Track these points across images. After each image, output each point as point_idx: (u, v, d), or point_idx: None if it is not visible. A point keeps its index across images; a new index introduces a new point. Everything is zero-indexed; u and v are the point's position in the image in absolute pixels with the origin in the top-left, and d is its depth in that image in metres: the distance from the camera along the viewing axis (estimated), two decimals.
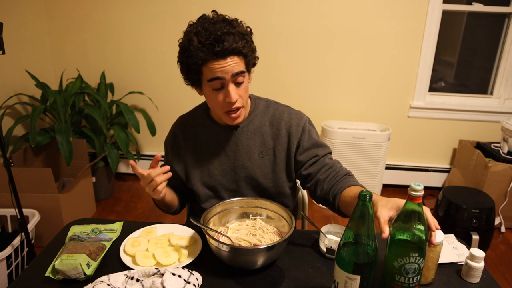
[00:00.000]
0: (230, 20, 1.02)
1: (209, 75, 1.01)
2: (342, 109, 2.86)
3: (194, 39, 0.98)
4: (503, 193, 2.40)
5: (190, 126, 1.21)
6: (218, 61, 0.99)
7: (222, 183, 1.18)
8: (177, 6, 2.65)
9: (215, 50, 0.97)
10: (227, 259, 0.93)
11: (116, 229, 1.09)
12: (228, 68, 0.99)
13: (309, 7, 2.61)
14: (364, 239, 0.76)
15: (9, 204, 1.71)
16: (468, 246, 1.04)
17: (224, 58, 0.99)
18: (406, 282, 0.81)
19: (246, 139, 1.16)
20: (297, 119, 1.16)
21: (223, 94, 1.04)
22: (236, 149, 1.16)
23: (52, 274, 0.90)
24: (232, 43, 0.98)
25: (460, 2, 2.65)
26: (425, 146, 2.92)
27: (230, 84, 1.02)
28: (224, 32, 0.97)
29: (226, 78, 1.01)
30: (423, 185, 0.77)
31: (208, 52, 0.97)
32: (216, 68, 0.99)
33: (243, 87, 1.06)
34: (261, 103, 1.20)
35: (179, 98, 2.86)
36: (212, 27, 0.98)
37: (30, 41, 2.60)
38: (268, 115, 1.18)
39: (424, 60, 2.69)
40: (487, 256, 2.21)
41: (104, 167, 2.65)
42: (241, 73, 1.03)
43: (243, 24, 1.05)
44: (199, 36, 0.97)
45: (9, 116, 2.43)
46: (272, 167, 1.17)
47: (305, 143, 1.15)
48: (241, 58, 1.03)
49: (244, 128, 1.16)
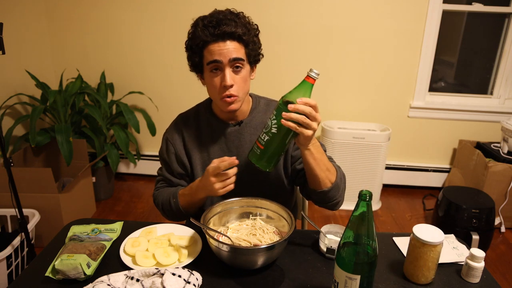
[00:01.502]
0: (237, 13, 1.08)
1: (209, 57, 1.05)
2: (342, 109, 2.86)
3: (199, 23, 1.05)
4: (503, 193, 2.40)
5: (193, 122, 1.22)
6: (217, 43, 1.03)
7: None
8: (177, 6, 2.65)
9: (214, 32, 1.02)
10: (227, 259, 0.93)
11: (116, 229, 1.09)
12: (226, 51, 1.03)
13: (309, 7, 2.61)
14: (364, 239, 0.76)
15: (9, 204, 1.71)
16: (468, 246, 1.04)
17: (223, 41, 1.03)
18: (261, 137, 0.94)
19: (249, 135, 1.18)
20: None
21: (220, 78, 1.06)
22: (240, 144, 1.18)
23: (52, 274, 0.90)
24: (232, 28, 1.03)
25: (460, 2, 2.65)
26: (425, 146, 2.92)
27: (227, 68, 1.05)
28: (227, 18, 1.03)
29: (224, 62, 1.04)
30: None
31: (209, 34, 1.03)
32: (215, 49, 1.03)
33: (241, 76, 1.08)
34: (262, 101, 1.22)
35: (179, 98, 2.86)
36: (217, 14, 1.05)
37: (30, 41, 2.60)
38: (269, 112, 1.20)
39: (424, 60, 2.69)
40: (487, 256, 2.21)
41: (104, 167, 2.65)
42: (239, 59, 1.05)
43: (249, 19, 1.10)
44: (204, 20, 1.05)
45: (9, 116, 2.43)
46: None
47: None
48: (241, 45, 1.06)
49: (247, 124, 1.18)
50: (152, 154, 3.03)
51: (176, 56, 2.71)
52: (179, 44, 2.51)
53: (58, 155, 2.49)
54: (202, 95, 1.21)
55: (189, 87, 2.80)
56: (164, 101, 2.88)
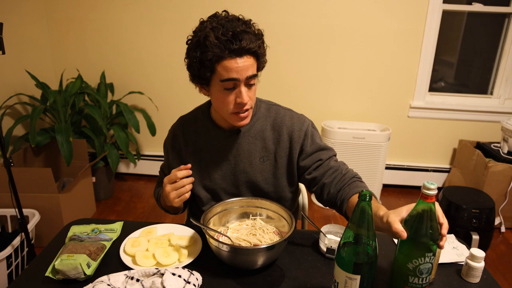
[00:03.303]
0: (245, 20, 1.02)
1: (224, 74, 0.98)
2: (342, 109, 2.86)
3: (210, 34, 0.95)
4: (503, 193, 2.40)
5: (191, 127, 1.20)
6: (234, 59, 0.97)
7: (223, 186, 1.17)
8: (177, 6, 2.65)
9: (232, 47, 0.95)
10: (227, 259, 0.93)
11: (116, 229, 1.09)
12: (243, 69, 0.98)
13: (309, 7, 2.61)
14: (364, 239, 0.76)
15: (9, 204, 1.71)
16: (468, 246, 1.04)
17: (240, 57, 0.97)
18: (420, 282, 0.80)
19: (247, 144, 1.14)
20: (299, 124, 1.14)
21: (234, 94, 1.02)
22: (237, 153, 1.15)
23: (52, 274, 0.90)
24: (249, 42, 0.97)
25: (460, 2, 2.65)
26: (425, 146, 2.92)
27: (242, 86, 1.01)
28: (241, 30, 0.96)
29: (241, 79, 0.99)
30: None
31: (224, 48, 0.95)
32: (231, 66, 0.97)
33: (253, 89, 1.06)
34: (262, 106, 1.18)
35: (179, 98, 2.86)
36: (229, 24, 0.96)
37: (30, 41, 2.60)
38: (270, 119, 1.16)
39: (424, 60, 2.69)
40: (487, 256, 2.21)
41: (104, 167, 2.65)
42: (254, 76, 1.02)
43: (255, 25, 1.04)
44: (216, 31, 0.95)
45: (9, 116, 2.43)
46: (273, 171, 1.15)
47: (308, 148, 1.13)
48: (255, 59, 1.02)
49: (246, 132, 1.15)
50: (152, 154, 3.03)
51: (176, 56, 2.71)
52: (179, 44, 2.51)
53: (58, 155, 2.49)
54: (202, 96, 1.20)
55: (189, 87, 2.77)
56: (164, 101, 2.88)
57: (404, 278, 0.81)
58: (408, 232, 0.78)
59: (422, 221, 0.77)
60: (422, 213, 0.77)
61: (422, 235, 0.77)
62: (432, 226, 0.77)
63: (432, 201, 0.76)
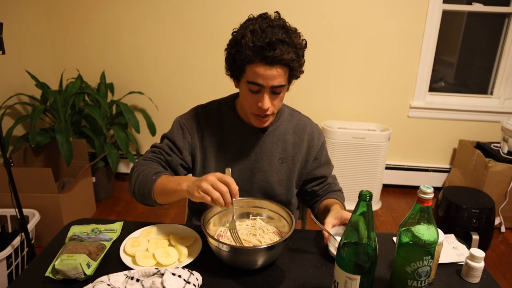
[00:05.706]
0: (289, 28, 1.02)
1: (251, 77, 1.00)
2: (342, 109, 2.86)
3: (247, 36, 0.97)
4: (503, 193, 2.40)
5: (216, 118, 1.17)
6: (264, 66, 0.97)
7: (237, 181, 1.16)
8: (177, 6, 2.65)
9: (264, 54, 0.96)
10: (227, 259, 0.93)
11: (116, 229, 1.09)
12: (270, 77, 0.98)
13: (309, 7, 2.60)
14: (364, 239, 0.76)
15: (9, 204, 1.71)
16: (468, 246, 1.04)
17: (271, 66, 0.97)
18: (419, 285, 0.81)
19: (270, 144, 1.17)
20: (318, 133, 1.22)
21: (257, 98, 1.03)
22: (260, 151, 1.17)
23: (52, 274, 0.90)
24: (283, 53, 0.96)
25: (460, 2, 2.65)
26: (425, 146, 2.92)
27: (267, 92, 1.02)
28: (278, 39, 0.96)
29: (265, 86, 1.00)
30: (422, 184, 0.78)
31: (257, 53, 0.96)
32: (260, 72, 0.98)
33: (279, 97, 1.06)
34: (286, 111, 1.22)
35: (179, 98, 2.86)
36: (269, 30, 0.97)
37: (30, 41, 2.60)
38: (292, 123, 1.20)
39: (424, 60, 2.69)
40: (487, 256, 2.21)
41: (104, 167, 2.65)
42: (280, 86, 1.02)
43: (301, 35, 1.04)
44: (254, 34, 0.97)
45: (9, 116, 2.43)
46: (288, 174, 1.19)
47: (322, 158, 1.22)
48: (286, 70, 1.01)
49: (271, 132, 1.17)
50: None
51: (176, 56, 2.70)
52: (179, 44, 2.51)
53: (58, 155, 2.49)
54: (202, 96, 1.20)
55: (189, 87, 2.80)
56: (164, 101, 2.88)
57: (403, 281, 0.82)
58: (404, 235, 0.80)
59: (419, 225, 0.78)
60: (419, 217, 0.78)
61: (419, 239, 0.78)
62: (429, 229, 0.78)
63: (428, 205, 0.77)
